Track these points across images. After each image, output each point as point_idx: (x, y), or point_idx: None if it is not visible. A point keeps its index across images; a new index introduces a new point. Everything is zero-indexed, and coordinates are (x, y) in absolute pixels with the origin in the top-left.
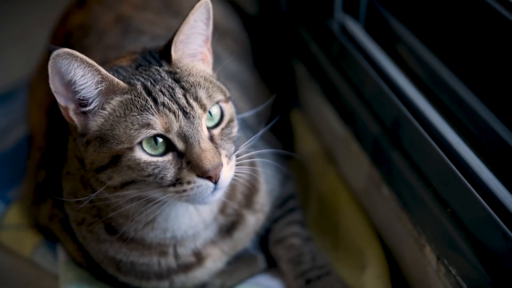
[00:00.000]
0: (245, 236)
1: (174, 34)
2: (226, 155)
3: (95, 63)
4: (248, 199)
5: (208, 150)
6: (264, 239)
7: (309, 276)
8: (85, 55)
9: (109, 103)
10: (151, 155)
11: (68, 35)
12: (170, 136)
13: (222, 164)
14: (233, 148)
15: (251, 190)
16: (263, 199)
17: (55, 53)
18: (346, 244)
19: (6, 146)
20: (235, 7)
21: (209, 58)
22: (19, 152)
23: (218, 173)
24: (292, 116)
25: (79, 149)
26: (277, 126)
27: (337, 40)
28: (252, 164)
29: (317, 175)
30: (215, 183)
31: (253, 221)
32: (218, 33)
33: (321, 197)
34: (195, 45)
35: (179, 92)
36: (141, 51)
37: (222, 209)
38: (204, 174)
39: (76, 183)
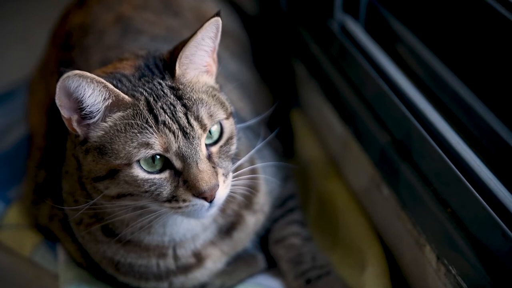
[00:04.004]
0: (244, 236)
1: (181, 49)
2: (223, 174)
3: (102, 80)
4: (248, 200)
5: (205, 171)
6: (264, 239)
7: (309, 276)
8: (85, 55)
9: (111, 116)
10: (148, 172)
11: (68, 35)
12: (168, 155)
13: (218, 185)
14: (230, 166)
15: (251, 191)
16: (263, 200)
17: (65, 75)
18: (346, 244)
19: (6, 146)
20: (235, 7)
21: (214, 68)
22: (19, 152)
23: (214, 194)
24: (292, 116)
25: (79, 155)
26: (277, 125)
27: (337, 40)
28: (252, 172)
29: (317, 175)
30: (210, 202)
31: (253, 221)
32: None
33: (321, 197)
34: (200, 60)
35: (180, 111)
36: (145, 57)
37: (222, 210)
38: (200, 195)
39: (74, 183)
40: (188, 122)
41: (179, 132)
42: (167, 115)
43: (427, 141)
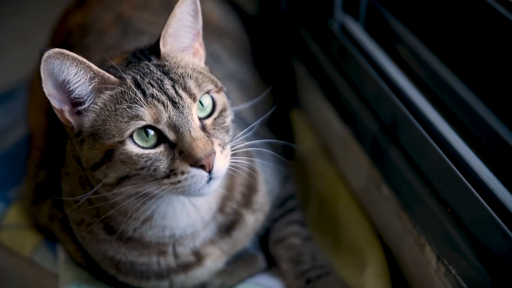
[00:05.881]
0: (244, 235)
1: (162, 28)
2: (220, 144)
3: (86, 60)
4: (247, 199)
5: (200, 139)
6: (264, 238)
7: (309, 276)
8: (85, 55)
9: (100, 97)
10: (142, 147)
11: (68, 35)
12: (160, 126)
13: (214, 152)
14: (227, 138)
15: (250, 190)
16: (262, 199)
17: (46, 54)
18: (346, 244)
19: (6, 146)
20: (235, 7)
21: (201, 52)
22: (19, 152)
23: (211, 161)
24: (292, 116)
25: (75, 148)
26: (277, 125)
27: (337, 40)
28: (249, 155)
29: (317, 175)
30: (209, 172)
31: (252, 220)
32: (218, 33)
33: (321, 197)
34: (184, 39)
35: (167, 84)
36: (133, 50)
37: (221, 208)
38: (196, 163)
39: (75, 183)
40: (176, 92)
41: (168, 102)
42: (155, 88)
43: (427, 141)
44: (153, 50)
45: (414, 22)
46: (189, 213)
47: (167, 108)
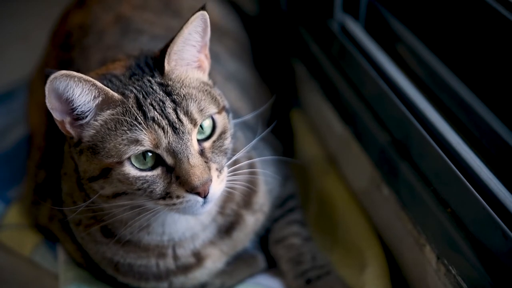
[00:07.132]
0: (244, 236)
1: (168, 44)
2: (217, 169)
3: (91, 78)
4: (247, 200)
5: (197, 166)
6: (264, 238)
7: (309, 276)
8: (85, 55)
9: (102, 114)
10: (140, 169)
11: (68, 35)
12: (158, 151)
13: (211, 180)
14: (224, 161)
15: (250, 191)
16: (262, 199)
17: (52, 76)
18: (346, 244)
19: (6, 146)
20: (235, 7)
21: (206, 64)
22: (19, 152)
23: (207, 188)
24: (292, 116)
25: (74, 156)
26: (277, 126)
27: (337, 40)
28: (251, 167)
29: (317, 175)
30: (204, 197)
31: (252, 221)
32: (218, 33)
33: (321, 197)
34: (189, 55)
35: (169, 106)
36: (136, 56)
37: (221, 210)
38: (192, 190)
39: (73, 184)
40: (178, 117)
41: (169, 128)
42: (156, 111)
43: (427, 141)
44: (157, 64)
45: (414, 22)
46: (187, 220)
47: (167, 134)
